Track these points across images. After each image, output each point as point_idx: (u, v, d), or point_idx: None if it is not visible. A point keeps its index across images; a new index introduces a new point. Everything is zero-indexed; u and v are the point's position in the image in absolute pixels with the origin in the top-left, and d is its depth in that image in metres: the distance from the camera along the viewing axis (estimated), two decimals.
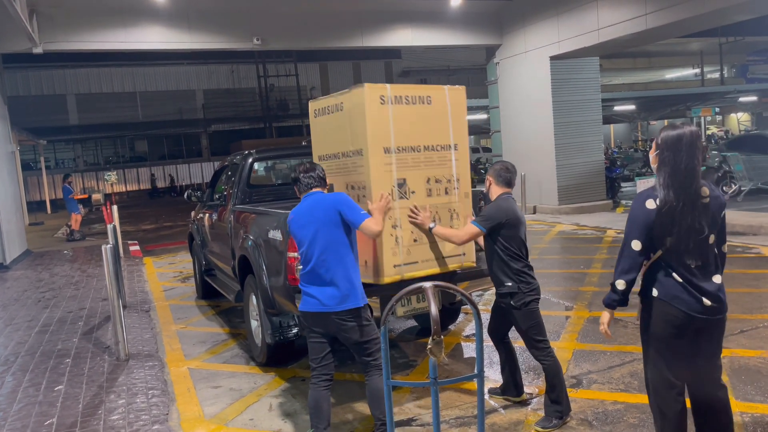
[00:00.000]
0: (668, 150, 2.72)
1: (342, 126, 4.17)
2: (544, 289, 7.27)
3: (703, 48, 38.88)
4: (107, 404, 4.45)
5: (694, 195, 2.68)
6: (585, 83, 14.75)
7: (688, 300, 2.71)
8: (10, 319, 7.31)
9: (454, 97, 4.32)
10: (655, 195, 2.74)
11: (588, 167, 14.72)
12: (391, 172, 4.04)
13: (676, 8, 10.83)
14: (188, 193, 8.08)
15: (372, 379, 3.58)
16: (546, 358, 3.88)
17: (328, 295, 3.48)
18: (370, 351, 3.58)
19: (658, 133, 2.85)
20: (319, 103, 4.50)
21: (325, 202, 3.60)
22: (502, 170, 3.98)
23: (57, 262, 11.95)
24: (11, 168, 13.72)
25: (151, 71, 38.39)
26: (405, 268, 4.12)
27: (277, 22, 13.72)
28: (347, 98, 4.12)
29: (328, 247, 3.49)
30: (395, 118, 4.04)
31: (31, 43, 11.43)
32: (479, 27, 15.52)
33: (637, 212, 2.78)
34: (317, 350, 3.61)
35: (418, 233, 4.17)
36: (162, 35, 12.87)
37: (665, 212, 2.68)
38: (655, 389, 2.90)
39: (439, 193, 4.27)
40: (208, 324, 6.94)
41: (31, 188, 31.46)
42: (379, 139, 3.98)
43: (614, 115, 32.79)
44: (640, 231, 2.75)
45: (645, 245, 2.76)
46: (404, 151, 4.11)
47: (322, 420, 3.56)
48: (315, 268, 3.51)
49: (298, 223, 3.61)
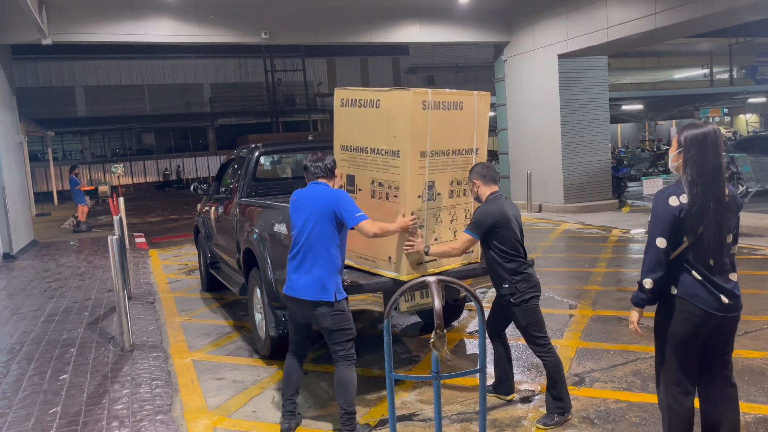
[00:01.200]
0: (694, 148, 2.71)
1: (376, 123, 4.17)
2: (547, 287, 7.31)
3: (713, 48, 38.63)
4: (111, 394, 4.48)
5: (720, 194, 2.70)
6: (593, 82, 14.70)
7: (707, 298, 2.73)
8: (16, 308, 7.36)
9: (482, 104, 4.40)
10: (678, 192, 2.73)
11: (594, 166, 14.68)
12: (424, 175, 4.12)
13: (686, 7, 10.77)
14: (194, 185, 8.12)
15: (339, 369, 3.69)
16: (547, 354, 3.88)
17: (305, 283, 3.66)
18: (339, 341, 3.68)
19: (679, 131, 2.83)
20: (349, 93, 4.43)
21: (326, 196, 3.74)
22: (485, 169, 4.02)
23: (63, 252, 12.02)
24: (19, 159, 13.78)
25: (159, 64, 38.44)
26: (428, 265, 4.29)
27: (286, 17, 13.72)
28: (387, 97, 4.11)
29: (316, 238, 3.65)
30: (433, 123, 4.09)
31: (40, 34, 11.45)
32: (488, 24, 15.47)
33: (660, 210, 2.76)
34: (294, 331, 3.89)
35: (439, 232, 4.31)
36: (171, 28, 12.88)
37: (695, 211, 2.68)
38: (666, 387, 2.92)
39: (459, 195, 4.42)
40: (213, 316, 6.97)
41: (38, 179, 31.57)
42: (418, 143, 4.03)
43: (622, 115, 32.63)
44: (665, 228, 2.73)
45: (670, 242, 2.74)
46: (437, 155, 4.19)
47: (290, 387, 3.88)
48: (299, 255, 3.70)
49: (295, 205, 3.82)
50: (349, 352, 3.69)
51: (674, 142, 2.85)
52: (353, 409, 3.66)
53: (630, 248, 9.92)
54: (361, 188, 4.37)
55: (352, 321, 3.75)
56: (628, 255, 9.47)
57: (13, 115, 13.37)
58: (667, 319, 2.83)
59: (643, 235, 10.77)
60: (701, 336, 2.80)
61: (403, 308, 4.56)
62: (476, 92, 4.36)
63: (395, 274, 4.22)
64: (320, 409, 4.26)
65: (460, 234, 4.24)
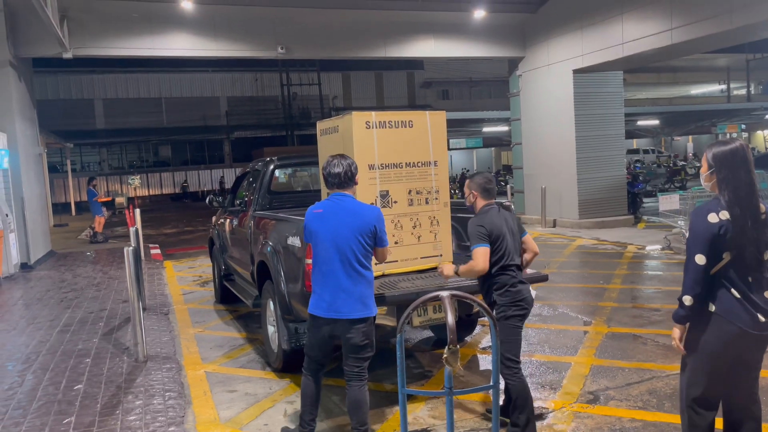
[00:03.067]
0: (725, 167, 2.72)
1: (337, 145, 4.76)
2: (561, 302, 7.25)
3: (730, 64, 38.44)
4: (125, 405, 4.50)
5: (755, 210, 2.70)
6: (608, 97, 14.66)
7: (744, 316, 2.71)
8: (32, 317, 7.43)
9: (435, 121, 4.94)
10: (717, 209, 2.72)
11: (610, 182, 14.59)
12: (376, 186, 4.71)
13: (702, 23, 10.73)
14: (210, 198, 8.18)
15: (353, 388, 3.61)
16: (512, 377, 3.75)
17: (343, 300, 3.50)
18: (363, 356, 3.60)
19: (707, 149, 2.82)
20: (324, 124, 5.15)
21: (364, 211, 3.60)
22: (487, 183, 3.99)
23: (80, 263, 12.14)
24: (38, 170, 13.99)
25: (177, 78, 38.99)
26: (385, 265, 4.70)
27: (302, 31, 13.87)
28: (341, 122, 4.81)
29: (352, 253, 3.50)
30: (379, 140, 4.77)
31: (62, 48, 11.68)
32: (502, 39, 15.52)
33: (699, 227, 2.74)
34: (317, 349, 3.75)
35: (399, 236, 4.83)
36: (189, 42, 13.08)
37: (735, 229, 2.67)
38: (690, 403, 2.90)
39: (420, 203, 4.94)
40: (226, 328, 6.99)
41: (56, 190, 32.03)
42: (365, 157, 4.61)
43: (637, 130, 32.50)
44: (704, 245, 2.71)
45: (709, 259, 2.72)
46: (387, 167, 4.81)
47: (313, 409, 3.79)
48: (331, 270, 3.52)
49: (320, 217, 3.60)
50: (365, 371, 3.64)
51: (704, 162, 2.84)
52: (367, 428, 3.60)
53: (646, 265, 9.82)
54: None
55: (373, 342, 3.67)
56: (644, 271, 9.37)
57: (34, 127, 13.60)
58: (702, 335, 2.80)
59: (659, 251, 10.67)
60: (733, 353, 2.79)
61: (416, 323, 4.56)
62: (428, 112, 4.94)
63: None
64: (332, 423, 4.25)
65: (425, 238, 4.87)
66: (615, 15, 12.62)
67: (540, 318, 6.72)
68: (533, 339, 5.97)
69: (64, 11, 11.71)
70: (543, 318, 6.73)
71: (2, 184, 10.95)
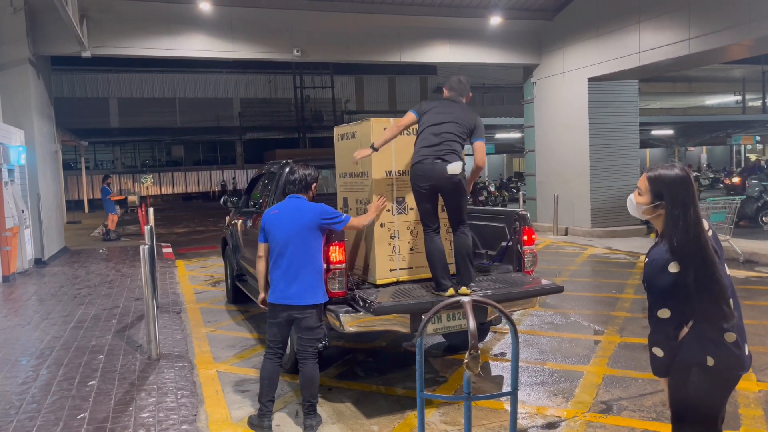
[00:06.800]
0: (675, 199, 2.34)
1: (354, 150, 4.78)
2: (573, 311, 7.22)
3: (746, 75, 38.14)
4: (138, 402, 4.53)
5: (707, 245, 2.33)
6: (623, 106, 14.60)
7: (736, 362, 2.38)
8: (46, 313, 7.50)
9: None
10: (673, 258, 2.34)
11: (623, 191, 14.49)
12: (391, 192, 4.81)
13: (720, 34, 10.67)
14: (224, 198, 8.22)
15: (306, 365, 4.10)
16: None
17: (297, 290, 4.02)
18: (316, 337, 4.10)
19: (647, 173, 2.44)
20: (342, 129, 5.31)
21: (308, 209, 4.15)
22: None
23: (93, 260, 12.23)
24: (54, 167, 14.12)
25: (191, 78, 39.24)
26: (400, 272, 4.84)
27: (318, 34, 13.93)
28: (359, 128, 4.93)
29: (303, 248, 4.03)
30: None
31: (81, 47, 11.80)
32: (518, 46, 15.51)
33: (660, 281, 2.36)
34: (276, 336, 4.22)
35: (414, 243, 4.86)
36: (206, 43, 13.17)
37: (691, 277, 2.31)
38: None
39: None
40: (238, 328, 7.01)
41: (70, 187, 32.29)
42: (382, 163, 4.74)
43: (651, 140, 32.30)
44: (666, 299, 2.35)
45: (675, 312, 2.36)
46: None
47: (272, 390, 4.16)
48: (284, 264, 4.04)
49: (277, 218, 4.14)
50: (316, 351, 4.13)
51: (644, 191, 2.45)
52: (316, 401, 4.12)
53: None
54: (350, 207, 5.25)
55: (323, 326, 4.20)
56: None
57: (51, 124, 13.73)
58: (697, 392, 2.39)
59: None
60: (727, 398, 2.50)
61: (430, 330, 4.56)
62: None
63: (369, 279, 4.84)
64: (344, 426, 4.25)
65: None
66: (632, 23, 12.58)
67: (552, 326, 6.70)
68: (546, 347, 5.95)
69: (84, 11, 11.83)
70: (555, 326, 6.71)
71: (19, 180, 11.06)
